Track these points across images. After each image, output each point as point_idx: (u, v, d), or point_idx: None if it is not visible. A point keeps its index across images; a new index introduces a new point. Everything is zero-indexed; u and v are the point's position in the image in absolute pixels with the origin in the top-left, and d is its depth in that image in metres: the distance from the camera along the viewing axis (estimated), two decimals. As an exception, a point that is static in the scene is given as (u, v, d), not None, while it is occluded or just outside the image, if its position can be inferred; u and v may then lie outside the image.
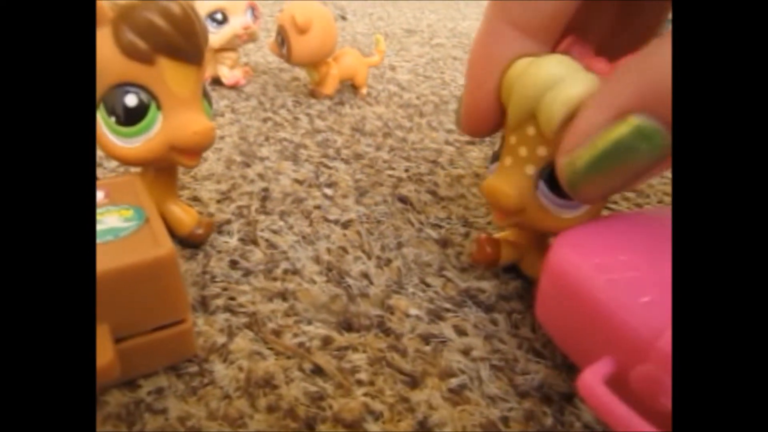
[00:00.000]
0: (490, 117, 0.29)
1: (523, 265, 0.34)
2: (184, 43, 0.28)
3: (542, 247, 0.33)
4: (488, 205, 0.43)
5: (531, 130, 0.27)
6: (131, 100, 0.28)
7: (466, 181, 0.47)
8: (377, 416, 0.24)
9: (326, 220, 0.39)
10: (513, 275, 0.34)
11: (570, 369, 0.27)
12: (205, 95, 0.32)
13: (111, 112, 0.29)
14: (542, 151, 0.27)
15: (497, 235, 0.34)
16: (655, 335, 0.20)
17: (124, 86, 0.28)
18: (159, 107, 0.29)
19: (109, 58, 0.27)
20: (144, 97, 0.28)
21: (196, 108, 0.30)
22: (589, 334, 0.23)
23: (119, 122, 0.29)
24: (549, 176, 0.28)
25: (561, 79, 0.25)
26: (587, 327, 0.23)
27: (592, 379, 0.20)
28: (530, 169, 0.28)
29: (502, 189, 0.29)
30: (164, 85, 0.29)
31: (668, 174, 0.52)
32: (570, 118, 0.26)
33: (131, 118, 0.29)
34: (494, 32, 0.28)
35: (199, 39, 0.29)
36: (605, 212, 0.30)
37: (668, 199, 0.47)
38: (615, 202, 0.45)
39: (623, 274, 0.23)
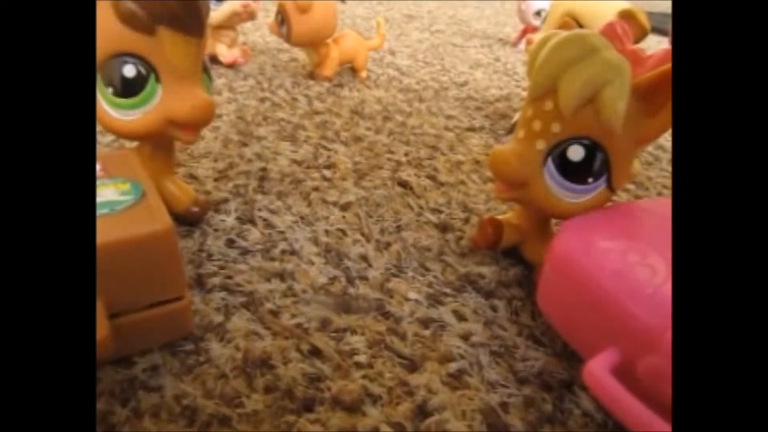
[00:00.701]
0: None
1: (525, 250, 0.33)
2: (185, 14, 0.27)
3: (545, 233, 0.32)
4: (489, 191, 0.42)
5: (548, 105, 0.27)
6: (129, 71, 0.27)
7: (466, 167, 0.46)
8: (376, 399, 0.23)
9: (325, 201, 0.38)
10: (513, 261, 0.34)
11: (570, 357, 0.27)
12: (206, 70, 0.31)
13: (108, 83, 0.28)
14: (556, 127, 0.27)
15: (500, 216, 0.34)
16: (664, 327, 0.19)
17: (122, 56, 0.27)
18: (158, 80, 0.28)
19: (108, 27, 0.27)
20: (143, 68, 0.28)
21: (196, 82, 0.29)
22: (594, 323, 0.23)
23: (116, 93, 0.28)
24: (559, 156, 0.27)
25: (586, 57, 0.25)
26: (592, 316, 0.23)
27: (599, 370, 0.20)
28: (540, 144, 0.28)
29: (504, 158, 0.28)
30: (164, 57, 0.28)
31: (668, 167, 0.52)
32: (590, 98, 0.26)
33: (129, 89, 0.28)
34: None
35: (200, 10, 0.28)
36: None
37: (667, 192, 0.46)
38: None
39: (630, 264, 0.23)
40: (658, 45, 1.13)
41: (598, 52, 0.25)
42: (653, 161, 0.54)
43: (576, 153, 0.27)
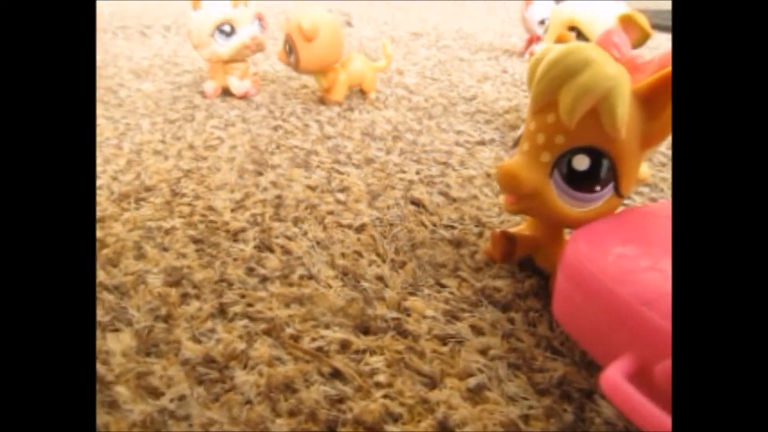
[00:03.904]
0: None
1: (538, 258, 0.33)
2: None
3: (558, 241, 0.33)
4: (502, 204, 0.43)
5: (551, 117, 0.27)
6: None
7: (478, 181, 0.47)
8: (397, 417, 0.24)
9: (340, 225, 0.39)
10: (528, 273, 0.34)
11: (589, 366, 0.27)
12: None
13: None
14: (560, 139, 0.27)
15: (513, 228, 0.34)
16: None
17: None
18: None
19: None
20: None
21: None
22: (610, 330, 0.23)
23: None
24: (565, 166, 0.28)
25: (582, 69, 0.26)
26: (607, 323, 0.23)
27: (616, 377, 0.20)
28: (546, 156, 0.28)
29: (511, 171, 0.29)
30: None
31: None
32: (591, 108, 0.26)
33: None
34: None
35: None
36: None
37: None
38: (628, 197, 0.45)
39: (643, 268, 0.23)
40: (667, 43, 1.12)
41: (593, 63, 0.26)
42: (667, 162, 0.53)
43: (581, 162, 0.28)
